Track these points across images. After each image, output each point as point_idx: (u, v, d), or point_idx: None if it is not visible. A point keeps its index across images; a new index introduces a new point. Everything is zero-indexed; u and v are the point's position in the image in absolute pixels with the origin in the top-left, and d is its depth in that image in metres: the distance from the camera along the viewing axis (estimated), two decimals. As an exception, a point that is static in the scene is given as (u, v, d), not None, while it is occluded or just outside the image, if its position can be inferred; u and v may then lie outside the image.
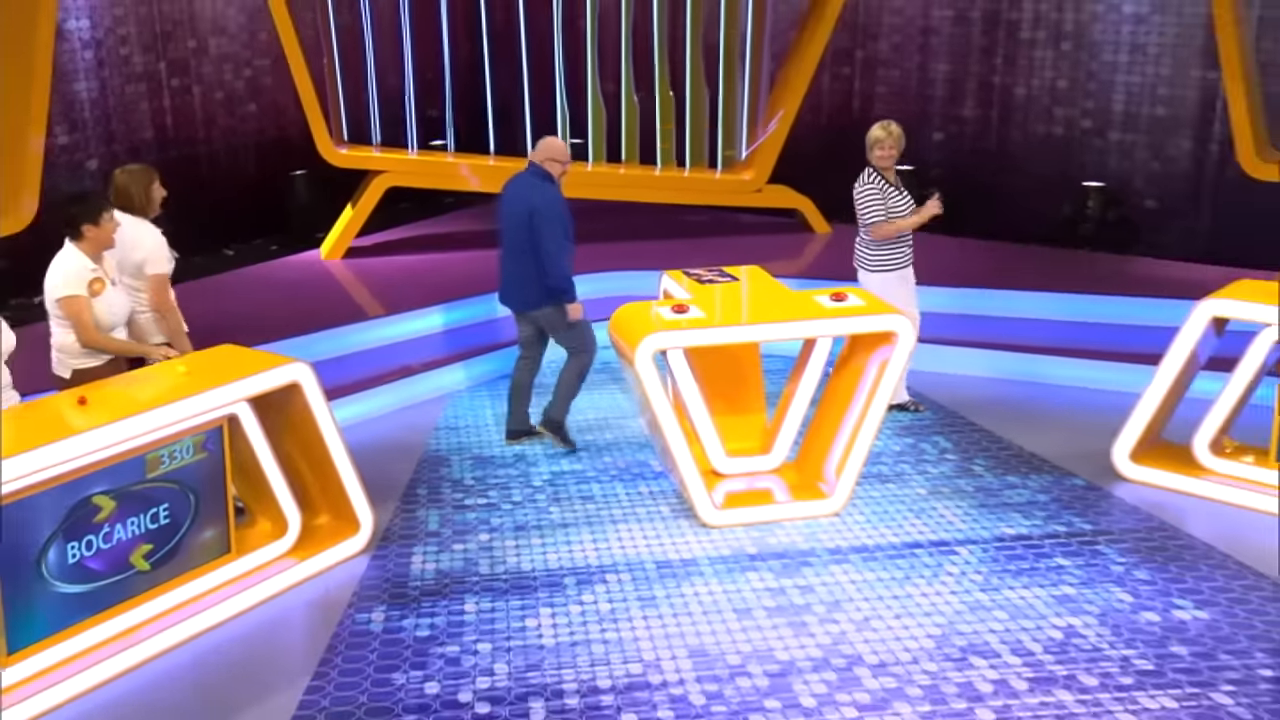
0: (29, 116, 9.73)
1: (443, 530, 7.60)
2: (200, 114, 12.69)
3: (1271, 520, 7.58)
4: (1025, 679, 5.94)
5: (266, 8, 12.33)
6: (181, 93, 12.42)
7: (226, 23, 12.73)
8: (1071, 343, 10.09)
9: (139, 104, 12.00)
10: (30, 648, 5.89)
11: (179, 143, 12.34)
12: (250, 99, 13.05)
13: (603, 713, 5.74)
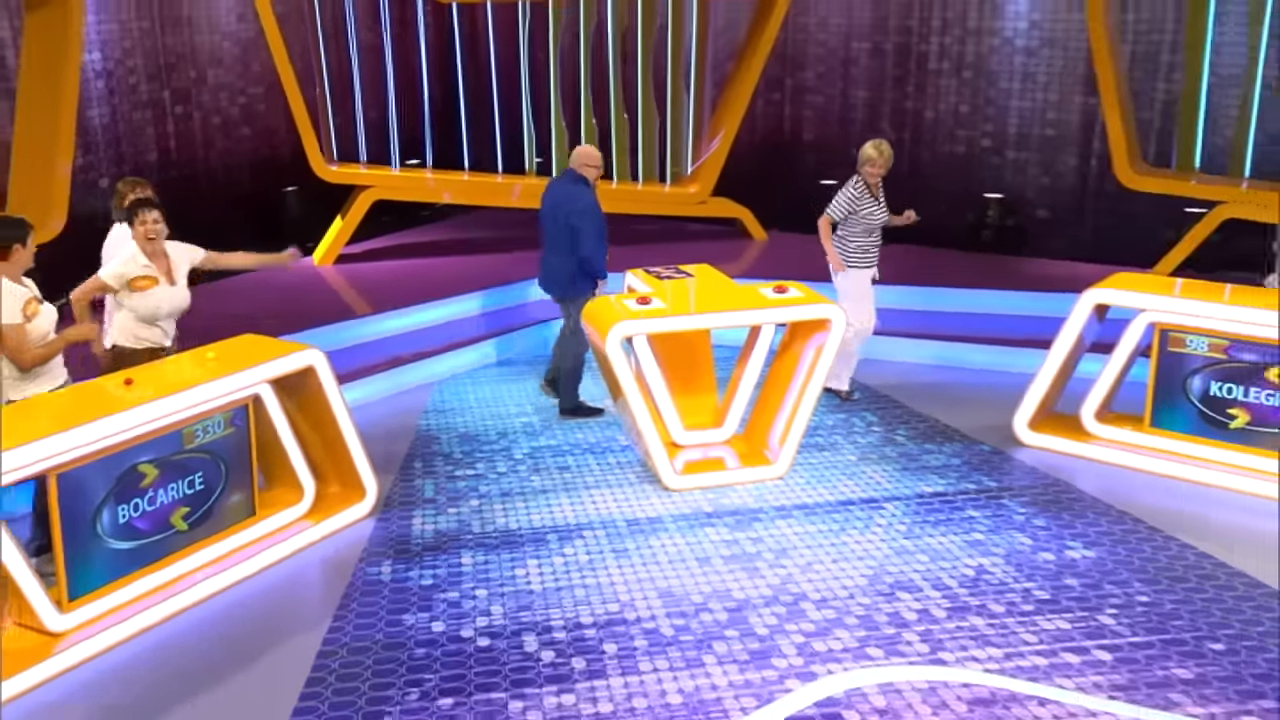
0: (58, 145, 9.78)
1: (438, 497, 7.69)
2: (200, 137, 12.53)
3: (1146, 475, 7.96)
4: (944, 608, 6.19)
5: (259, 42, 12.50)
6: (183, 118, 12.31)
7: (223, 55, 12.63)
8: (978, 331, 10.17)
9: (145, 128, 11.90)
10: (87, 596, 6.02)
11: (181, 163, 12.19)
12: (245, 123, 12.92)
13: (587, 643, 5.91)
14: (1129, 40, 11.96)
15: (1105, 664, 5.70)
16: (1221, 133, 11.59)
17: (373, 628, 6.13)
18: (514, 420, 9.03)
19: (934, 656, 5.82)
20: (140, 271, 6.98)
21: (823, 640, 5.93)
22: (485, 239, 13.09)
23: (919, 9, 13.13)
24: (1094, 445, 8.23)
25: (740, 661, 5.79)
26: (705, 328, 8.27)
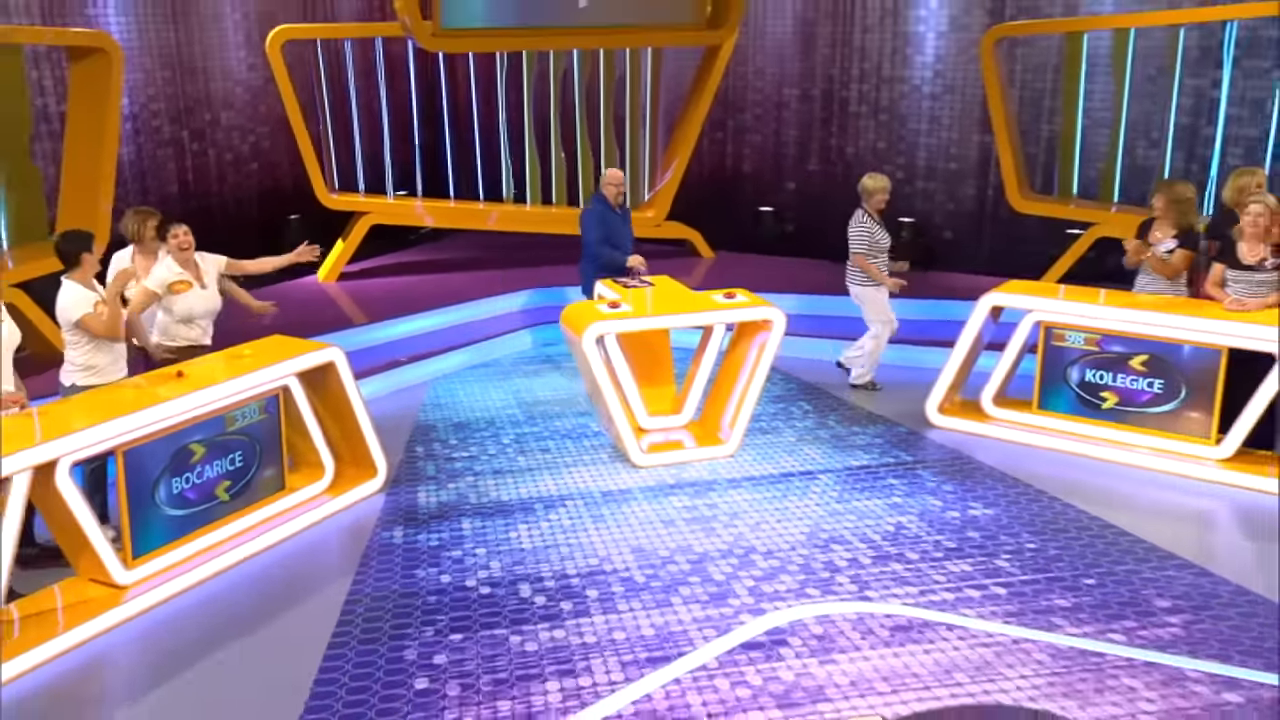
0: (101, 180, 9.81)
1: (438, 475, 7.80)
2: (214, 171, 12.47)
3: (1035, 449, 8.15)
4: (869, 556, 6.44)
5: (266, 89, 12.68)
6: (200, 155, 12.28)
7: (234, 100, 12.61)
8: (895, 335, 10.12)
9: (167, 164, 11.89)
10: (147, 555, 6.21)
11: (198, 195, 12.16)
12: (253, 159, 12.85)
13: (572, 590, 6.11)
14: (1017, 87, 12.07)
15: (1000, 597, 5.94)
16: (1094, 165, 11.62)
17: (390, 580, 6.26)
18: (499, 412, 9.09)
19: (861, 594, 6.02)
20: (176, 277, 7.03)
21: (769, 583, 6.14)
22: (467, 259, 13.07)
23: (840, 61, 13.12)
24: (992, 425, 8.41)
25: (701, 601, 5.97)
26: (666, 328, 8.39)
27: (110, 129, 9.73)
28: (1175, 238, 8.12)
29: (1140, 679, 5.17)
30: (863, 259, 8.91)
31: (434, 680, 5.29)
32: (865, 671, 5.27)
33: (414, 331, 10.54)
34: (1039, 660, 5.35)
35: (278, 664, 5.55)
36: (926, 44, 12.60)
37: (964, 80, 12.42)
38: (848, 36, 13.05)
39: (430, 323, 10.73)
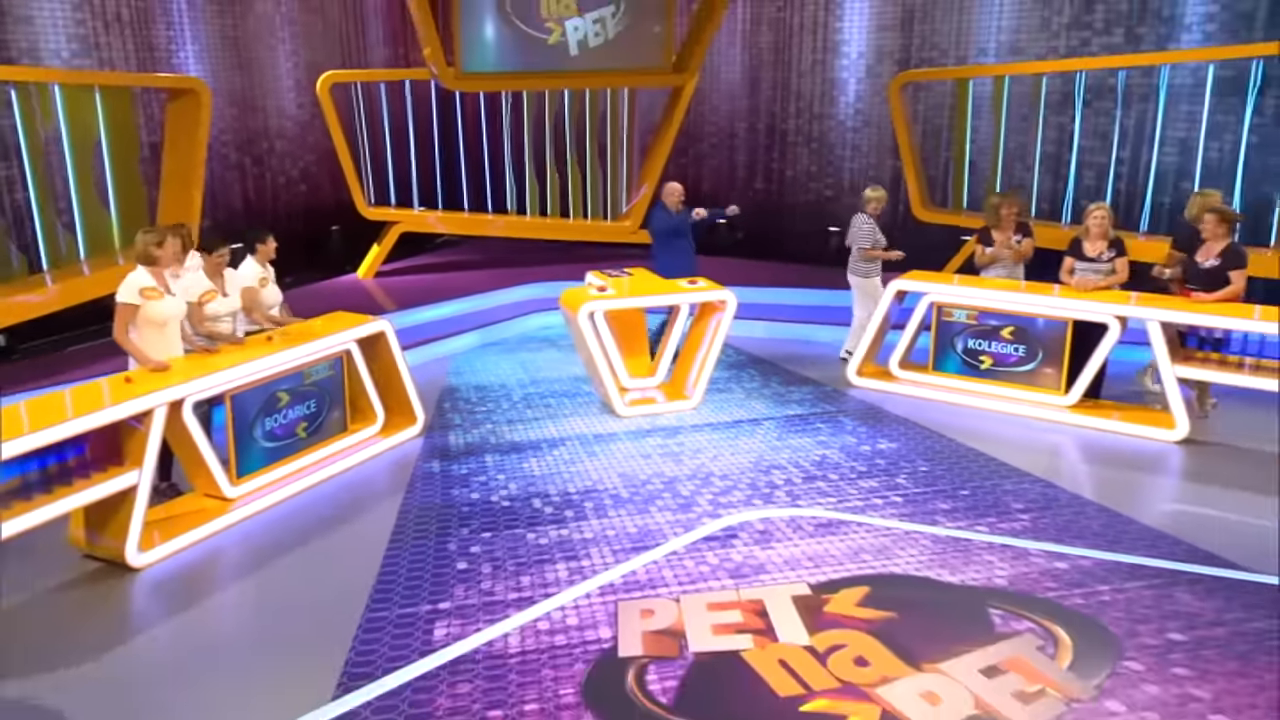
0: (192, 198, 9.96)
1: (464, 423, 8.05)
2: (270, 191, 12.62)
3: (930, 401, 8.38)
4: (800, 478, 6.80)
5: (313, 124, 12.59)
6: (259, 177, 12.39)
7: (286, 132, 12.69)
8: (824, 317, 10.45)
9: (233, 185, 12.02)
10: (247, 476, 6.51)
11: (258, 210, 12.30)
12: (301, 181, 13.03)
13: (573, 502, 6.45)
14: (919, 122, 12.25)
15: (898, 503, 6.35)
16: (980, 184, 11.68)
17: (432, 497, 6.60)
18: (509, 378, 9.26)
19: (793, 503, 6.39)
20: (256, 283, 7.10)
21: (724, 496, 6.51)
22: (479, 259, 13.18)
23: (780, 100, 13.26)
24: (897, 384, 8.66)
25: (672, 509, 6.31)
26: (643, 307, 8.52)
27: (199, 155, 9.88)
28: (1020, 231, 8.42)
29: (996, 555, 5.60)
30: (870, 251, 9.07)
31: (471, 563, 5.63)
32: (795, 555, 5.64)
33: (436, 317, 10.65)
34: (924, 545, 5.75)
35: (351, 555, 5.84)
36: (849, 87, 12.73)
37: (878, 116, 12.49)
38: (786, 81, 13.14)
39: (450, 310, 10.85)
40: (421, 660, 4.71)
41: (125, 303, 6.09)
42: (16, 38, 9.19)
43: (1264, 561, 5.51)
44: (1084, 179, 11.04)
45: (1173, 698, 4.32)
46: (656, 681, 4.50)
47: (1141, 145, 10.65)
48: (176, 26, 10.99)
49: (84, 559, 5.76)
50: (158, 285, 6.17)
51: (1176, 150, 10.42)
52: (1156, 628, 4.86)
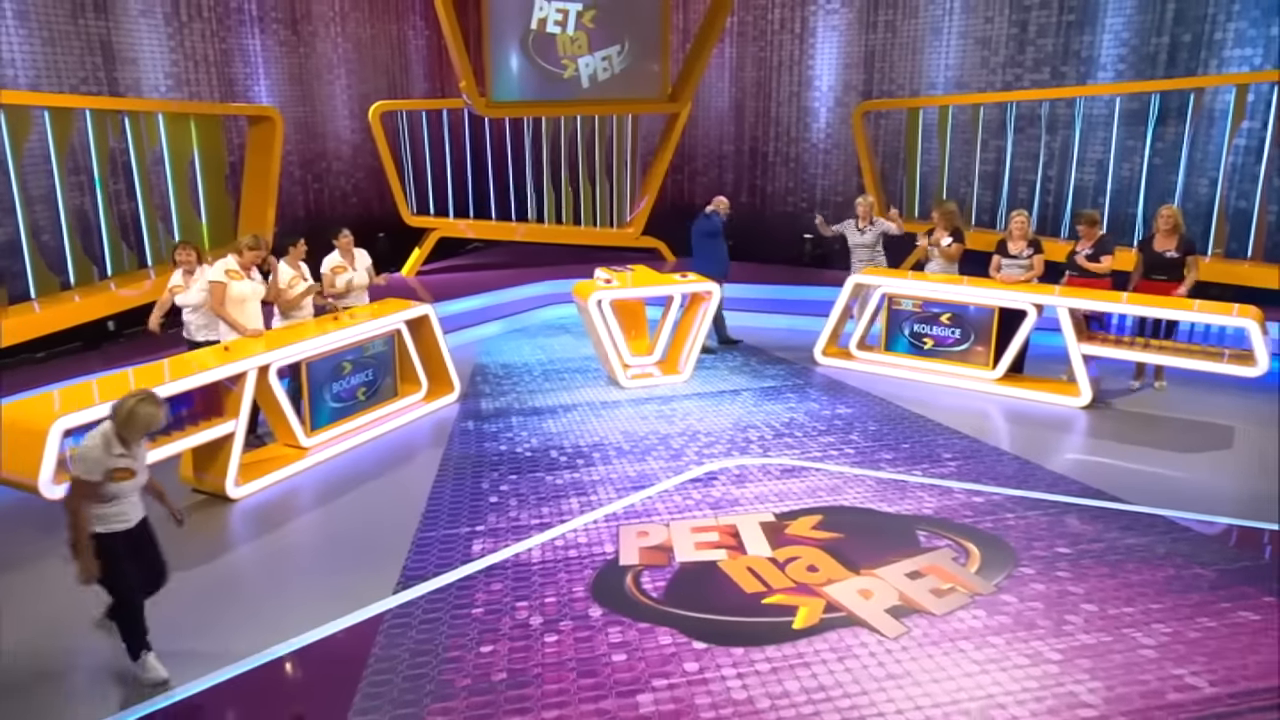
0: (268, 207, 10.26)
1: (492, 393, 8.28)
2: (327, 202, 12.69)
3: (882, 376, 8.51)
4: (771, 435, 7.09)
5: (363, 146, 12.58)
6: (318, 191, 12.50)
7: (341, 153, 12.78)
8: (797, 310, 10.49)
9: (297, 197, 12.13)
10: (318, 429, 6.87)
11: (316, 218, 12.26)
12: (353, 194, 13.08)
13: (583, 453, 6.76)
14: (879, 145, 12.42)
15: (850, 454, 6.67)
16: (929, 197, 11.71)
17: (468, 448, 6.93)
18: (529, 358, 9.42)
19: (764, 454, 6.70)
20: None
21: (708, 449, 6.81)
22: (504, 260, 13.12)
23: (761, 126, 13.32)
24: (855, 362, 8.80)
25: (665, 458, 6.64)
26: (643, 297, 8.75)
27: (274, 172, 10.20)
28: (951, 234, 8.63)
29: (926, 493, 6.03)
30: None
31: (500, 498, 6.04)
32: (763, 492, 6.05)
33: (468, 308, 10.77)
34: (869, 485, 6.14)
35: (403, 491, 6.20)
36: (820, 115, 12.86)
37: (845, 140, 12.58)
38: (766, 109, 13.25)
39: (479, 302, 10.97)
40: (463, 567, 5.18)
41: (214, 280, 6.62)
42: (124, 76, 9.53)
43: (1139, 495, 5.99)
44: (1017, 193, 11.30)
45: (1054, 593, 4.86)
46: (649, 583, 5.00)
47: (1066, 165, 10.94)
48: (252, 65, 11.21)
49: (193, 492, 6.22)
50: (240, 271, 6.71)
51: (1094, 169, 10.74)
52: (1047, 544, 5.38)
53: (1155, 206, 9.97)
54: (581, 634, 4.55)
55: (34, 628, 4.70)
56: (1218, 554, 5.26)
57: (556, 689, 4.15)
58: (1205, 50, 9.76)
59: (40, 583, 5.14)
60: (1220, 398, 7.74)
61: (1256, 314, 7.15)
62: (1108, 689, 4.06)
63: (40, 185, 8.60)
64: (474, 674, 4.27)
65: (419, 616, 4.72)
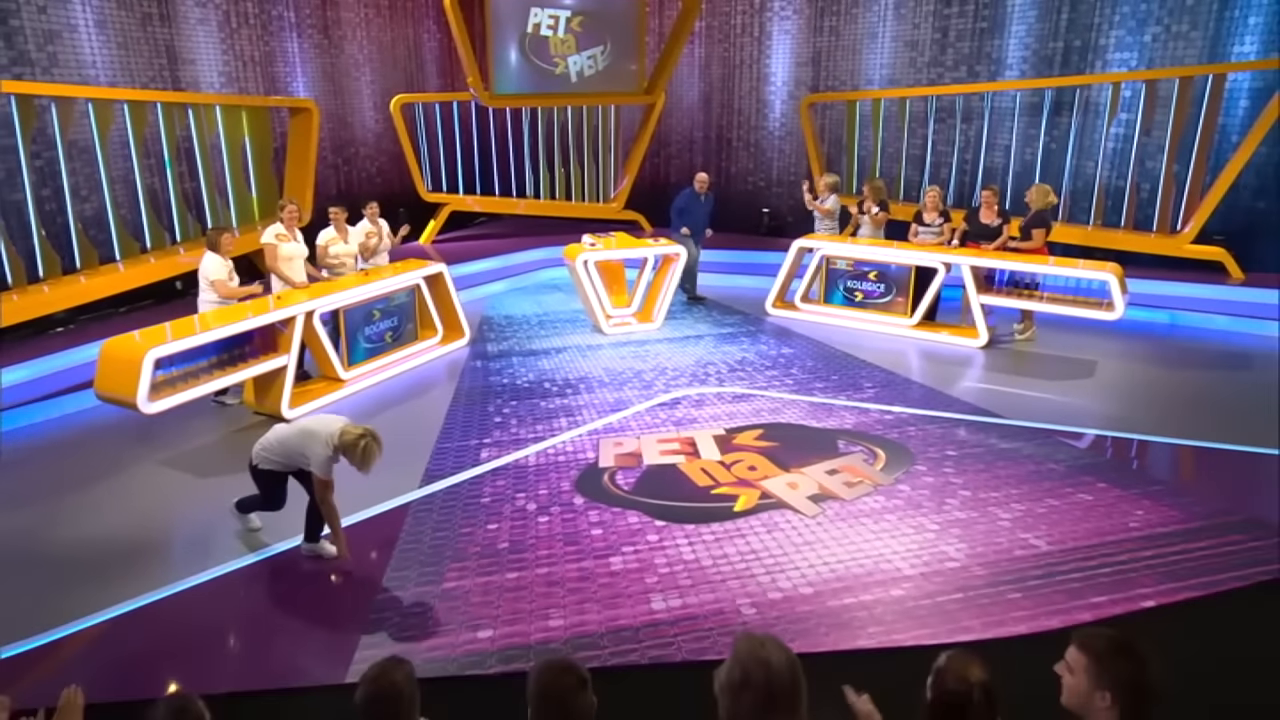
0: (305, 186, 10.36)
1: (497, 338, 8.49)
2: (356, 182, 12.45)
3: (822, 324, 8.69)
4: (726, 369, 7.41)
5: (385, 134, 12.48)
6: (347, 172, 12.32)
7: (367, 139, 12.55)
8: (753, 271, 10.47)
9: (330, 177, 11.90)
10: (354, 365, 7.14)
11: (348, 196, 11.53)
12: (377, 175, 12.77)
13: (571, 384, 7.09)
14: (825, 137, 12.44)
15: (789, 384, 7.04)
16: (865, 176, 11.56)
17: (477, 382, 7.24)
18: (528, 311, 9.59)
19: (719, 384, 7.03)
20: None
21: (673, 381, 7.15)
22: (506, 230, 13.07)
23: (725, 115, 13.25)
24: (800, 313, 9.00)
25: (638, 388, 6.99)
26: (622, 259, 8.94)
27: (312, 156, 10.40)
28: (879, 205, 8.91)
29: (848, 413, 6.45)
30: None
31: (503, 418, 6.41)
32: (717, 413, 6.43)
33: (476, 270, 10.75)
34: (803, 407, 6.55)
35: (424, 414, 6.51)
36: (775, 106, 12.90)
37: (797, 128, 12.56)
38: (730, 101, 13.24)
39: (486, 265, 11.05)
40: (473, 468, 5.62)
41: (266, 242, 6.98)
42: (185, 74, 9.71)
43: (1016, 412, 6.48)
44: (939, 173, 11.54)
45: (939, 483, 5.38)
46: (622, 479, 5.47)
47: (978, 149, 11.22)
48: (291, 64, 11.30)
49: (254, 414, 6.59)
50: (287, 233, 7.05)
51: (1001, 153, 11.03)
52: (939, 449, 5.89)
53: (1051, 183, 10.40)
54: (567, 516, 5.02)
55: (132, 515, 5.17)
56: (1069, 454, 5.80)
57: (547, 553, 4.66)
58: (1092, 54, 10.04)
59: (134, 481, 5.61)
60: (1087, 338, 8.18)
61: (1117, 270, 7.65)
62: (970, 549, 4.61)
63: (120, 167, 8.87)
64: (482, 544, 4.76)
65: (439, 504, 5.17)
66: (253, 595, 4.37)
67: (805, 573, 4.40)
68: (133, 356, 5.50)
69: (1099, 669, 1.85)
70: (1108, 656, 1.84)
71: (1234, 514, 4.85)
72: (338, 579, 4.49)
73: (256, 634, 4.07)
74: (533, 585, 4.34)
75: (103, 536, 4.88)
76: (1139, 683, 1.82)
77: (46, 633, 3.98)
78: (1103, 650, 1.85)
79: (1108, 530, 4.72)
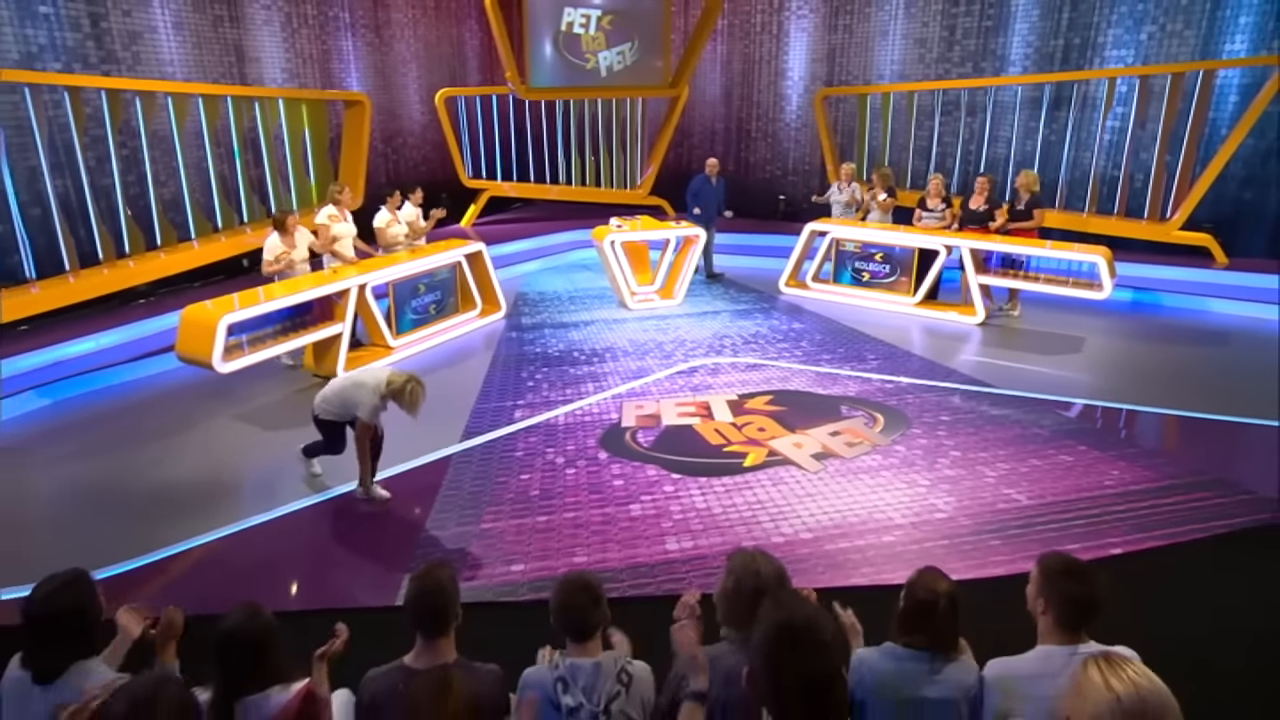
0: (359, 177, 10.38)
1: (530, 312, 8.56)
2: (404, 169, 12.34)
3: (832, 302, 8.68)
4: (740, 342, 7.45)
5: (430, 124, 12.46)
6: (395, 160, 12.31)
7: (414, 130, 12.54)
8: (768, 253, 10.35)
9: (380, 165, 11.88)
10: (402, 334, 7.29)
11: (395, 182, 11.01)
12: (422, 164, 12.64)
13: (598, 353, 7.15)
14: (838, 128, 12.33)
15: (799, 355, 7.08)
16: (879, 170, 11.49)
17: (512, 350, 7.34)
18: (559, 288, 9.64)
19: (734, 355, 7.06)
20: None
21: (692, 352, 7.20)
22: (541, 214, 12.98)
23: (745, 108, 13.14)
24: (810, 292, 9.01)
25: (659, 358, 7.05)
26: (646, 240, 8.93)
27: (364, 144, 10.50)
28: (886, 192, 8.94)
29: (852, 382, 6.52)
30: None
31: (536, 383, 6.54)
32: (731, 380, 6.51)
33: (513, 250, 10.78)
34: (810, 376, 6.60)
35: (464, 378, 6.65)
36: (792, 100, 12.80)
37: (812, 120, 12.45)
38: (749, 94, 13.15)
39: (521, 246, 11.04)
40: (507, 426, 5.79)
41: (319, 223, 7.14)
42: (251, 71, 9.87)
43: (1007, 383, 6.54)
44: (944, 162, 11.45)
45: (932, 445, 5.48)
46: (642, 437, 5.62)
47: (981, 140, 11.11)
48: (345, 61, 11.39)
49: (313, 376, 6.78)
50: (338, 214, 7.21)
51: (1004, 144, 10.92)
52: (934, 414, 5.98)
53: (1050, 173, 10.35)
54: (592, 469, 5.18)
55: (208, 461, 5.42)
56: (1054, 420, 5.87)
57: (573, 500, 4.84)
58: (1090, 50, 9.92)
59: (210, 433, 5.86)
60: (1076, 316, 8.17)
61: (1105, 253, 7.63)
62: (958, 502, 4.72)
63: (194, 155, 9.08)
64: (515, 491, 4.95)
65: (477, 457, 5.35)
66: (314, 531, 4.60)
67: (806, 520, 4.54)
68: (208, 322, 5.73)
69: (1044, 582, 2.05)
70: (1052, 573, 2.04)
71: (1202, 474, 4.91)
72: (388, 519, 4.69)
73: (317, 563, 4.29)
74: (560, 527, 4.52)
75: (184, 479, 5.13)
76: (1072, 597, 2.00)
77: (136, 558, 4.23)
78: (1050, 568, 2.04)
79: (1084, 487, 4.81)
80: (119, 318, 7.66)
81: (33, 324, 7.22)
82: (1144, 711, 1.35)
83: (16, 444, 5.67)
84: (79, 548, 4.30)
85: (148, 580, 4.08)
